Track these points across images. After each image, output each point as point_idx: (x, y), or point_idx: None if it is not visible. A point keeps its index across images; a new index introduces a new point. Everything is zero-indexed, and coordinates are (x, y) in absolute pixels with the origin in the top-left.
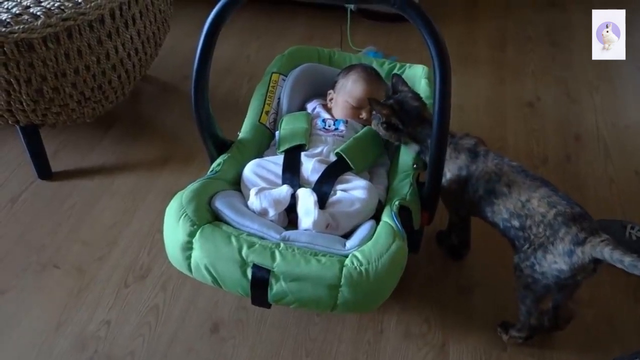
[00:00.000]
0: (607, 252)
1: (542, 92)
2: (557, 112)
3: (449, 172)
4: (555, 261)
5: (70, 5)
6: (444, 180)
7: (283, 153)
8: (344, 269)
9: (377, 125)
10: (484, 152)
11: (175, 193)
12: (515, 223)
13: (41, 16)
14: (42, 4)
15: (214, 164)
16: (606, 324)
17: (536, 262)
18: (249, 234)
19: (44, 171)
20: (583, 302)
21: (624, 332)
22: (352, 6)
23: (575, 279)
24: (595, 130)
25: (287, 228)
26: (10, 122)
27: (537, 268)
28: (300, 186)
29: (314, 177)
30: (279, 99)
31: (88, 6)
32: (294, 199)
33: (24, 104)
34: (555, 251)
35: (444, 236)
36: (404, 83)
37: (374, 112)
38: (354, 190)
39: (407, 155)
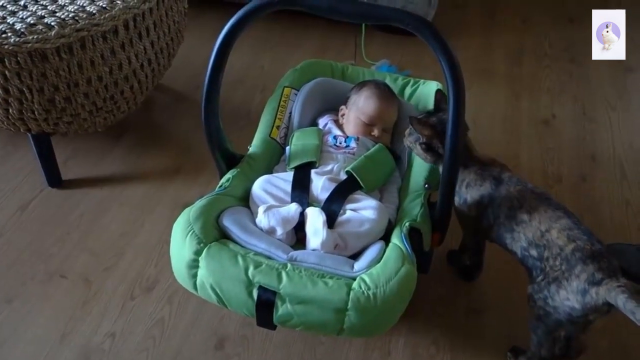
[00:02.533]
0: (621, 300)
1: (558, 110)
2: (573, 130)
3: (470, 197)
4: (567, 298)
5: (85, 16)
6: (463, 204)
7: (293, 169)
8: (351, 293)
9: (413, 143)
10: (507, 177)
11: (185, 204)
12: (534, 252)
13: (55, 27)
14: (57, 14)
15: (223, 179)
16: (620, 352)
17: (549, 296)
18: (256, 254)
19: (54, 179)
20: (596, 330)
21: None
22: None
23: (587, 318)
24: (611, 150)
25: (295, 247)
26: (22, 130)
27: (550, 302)
28: (309, 204)
29: (323, 196)
30: (290, 113)
31: (102, 17)
32: (302, 217)
33: (36, 113)
34: (569, 287)
35: (456, 256)
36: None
37: (410, 128)
38: (363, 210)
39: (418, 175)
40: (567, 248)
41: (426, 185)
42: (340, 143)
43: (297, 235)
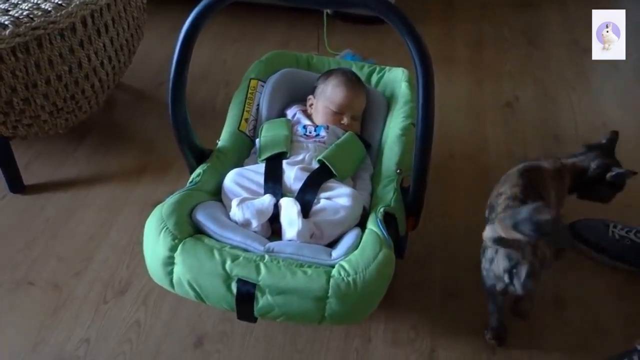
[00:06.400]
0: (499, 224)
1: (521, 92)
2: (536, 111)
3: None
4: (484, 267)
5: (40, 13)
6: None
7: (264, 161)
8: (331, 280)
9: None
10: (531, 161)
11: (153, 203)
12: (486, 213)
13: (9, 25)
14: (10, 13)
15: (194, 175)
16: (592, 325)
17: (482, 260)
18: (232, 247)
19: (16, 185)
20: (568, 304)
21: (611, 332)
22: (328, 10)
23: (504, 287)
24: (573, 129)
25: (271, 238)
26: None
27: (483, 265)
28: (283, 195)
29: (296, 186)
30: (258, 105)
31: (58, 14)
32: (277, 208)
33: None
34: (485, 256)
35: None
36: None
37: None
38: (338, 198)
39: (390, 161)
40: (499, 211)
41: (398, 171)
42: (310, 132)
43: (273, 226)
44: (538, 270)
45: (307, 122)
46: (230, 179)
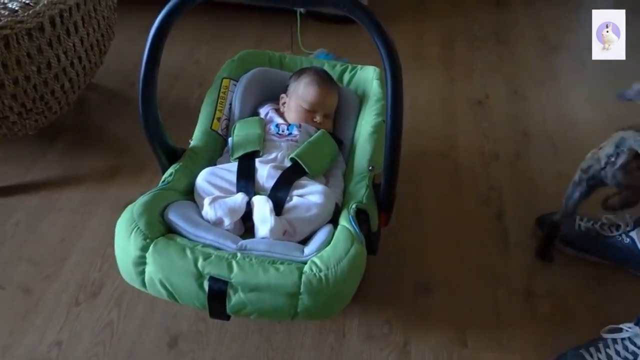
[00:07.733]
0: None
1: (491, 90)
2: (506, 109)
3: None
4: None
5: (7, 13)
6: None
7: (237, 160)
8: (303, 276)
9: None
10: None
11: (126, 206)
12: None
13: None
14: None
15: (166, 174)
16: (562, 314)
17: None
18: (205, 245)
19: None
20: (539, 294)
21: (579, 322)
22: (301, 9)
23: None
24: (543, 126)
25: (243, 237)
26: None
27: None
28: (255, 193)
29: (269, 184)
30: (230, 104)
31: (26, 14)
32: (249, 206)
33: None
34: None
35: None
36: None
37: None
38: (310, 195)
39: (362, 158)
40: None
41: (370, 168)
42: (283, 131)
43: (245, 225)
44: (633, 169)
45: (279, 120)
46: (203, 178)
